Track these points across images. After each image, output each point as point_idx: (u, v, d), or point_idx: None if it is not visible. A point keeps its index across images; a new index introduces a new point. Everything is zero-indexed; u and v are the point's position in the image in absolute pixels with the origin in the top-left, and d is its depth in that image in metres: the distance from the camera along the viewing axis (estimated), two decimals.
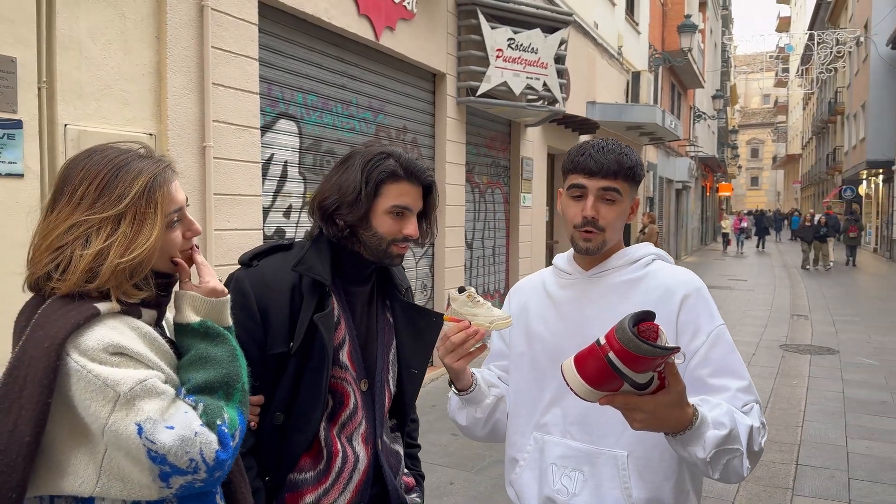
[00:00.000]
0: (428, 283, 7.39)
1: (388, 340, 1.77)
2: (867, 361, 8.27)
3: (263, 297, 1.57)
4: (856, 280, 18.15)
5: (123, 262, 1.22)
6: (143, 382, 1.17)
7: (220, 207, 4.33)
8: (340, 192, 1.62)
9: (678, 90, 23.01)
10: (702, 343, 1.58)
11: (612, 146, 1.65)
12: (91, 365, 1.15)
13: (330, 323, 1.60)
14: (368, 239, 1.65)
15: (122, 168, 1.28)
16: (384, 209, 1.64)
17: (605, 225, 1.63)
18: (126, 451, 1.16)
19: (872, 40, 25.62)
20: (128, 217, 1.25)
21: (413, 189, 1.67)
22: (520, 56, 7.66)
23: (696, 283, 1.66)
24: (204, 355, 1.29)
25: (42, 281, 1.24)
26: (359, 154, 1.67)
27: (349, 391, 1.66)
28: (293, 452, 1.60)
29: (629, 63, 14.99)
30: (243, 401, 1.30)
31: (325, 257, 1.65)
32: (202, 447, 1.18)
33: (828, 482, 4.63)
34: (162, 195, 1.29)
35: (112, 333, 1.19)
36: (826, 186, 41.27)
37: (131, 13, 3.76)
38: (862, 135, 27.86)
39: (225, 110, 4.35)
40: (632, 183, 1.65)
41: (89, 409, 1.15)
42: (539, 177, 10.03)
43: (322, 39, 5.53)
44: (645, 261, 1.69)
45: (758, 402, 1.58)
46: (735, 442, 1.43)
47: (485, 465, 4.80)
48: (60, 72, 3.40)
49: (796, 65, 48.43)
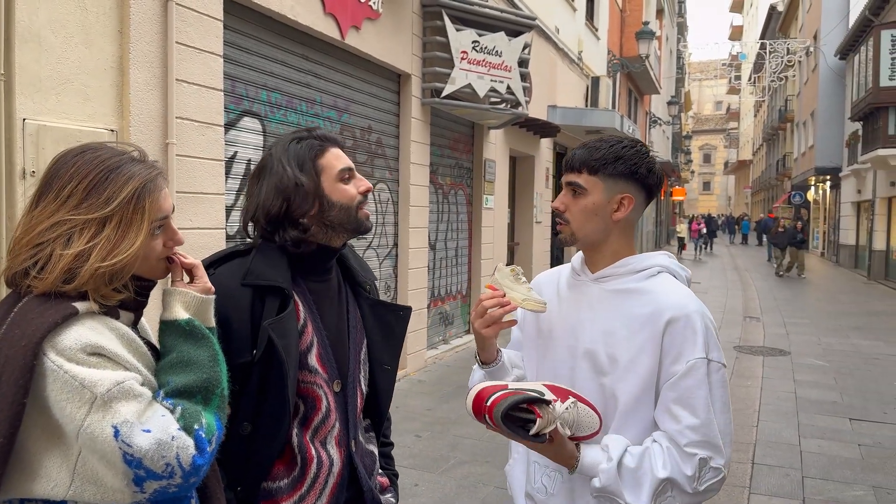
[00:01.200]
0: (392, 283, 7.36)
1: (358, 339, 1.75)
2: (817, 363, 8.53)
3: (222, 306, 1.50)
4: (805, 283, 18.70)
5: (104, 266, 1.20)
6: (120, 384, 1.14)
7: (183, 206, 4.24)
8: (283, 195, 1.58)
9: (635, 95, 23.38)
10: (679, 370, 1.55)
11: (601, 142, 1.66)
12: (68, 365, 1.12)
13: (286, 328, 1.54)
14: (336, 216, 1.62)
15: (113, 170, 1.25)
16: (333, 179, 1.63)
17: (570, 218, 1.66)
18: (101, 454, 1.13)
19: (822, 50, 26.44)
20: (113, 221, 1.23)
21: (339, 150, 1.68)
22: (484, 59, 7.69)
23: (690, 307, 1.58)
24: (185, 358, 1.27)
25: (19, 277, 1.21)
26: (270, 156, 1.64)
27: (320, 395, 1.63)
28: (264, 461, 1.57)
29: (589, 68, 15.18)
30: (222, 406, 1.29)
31: (277, 261, 1.59)
32: (179, 452, 1.16)
33: (783, 480, 4.76)
34: (151, 202, 1.27)
35: (90, 333, 1.16)
36: (776, 192, 42.44)
37: (93, 6, 3.66)
38: (811, 142, 28.73)
39: (188, 107, 4.27)
40: (604, 177, 1.62)
41: (65, 410, 1.12)
42: (501, 179, 10.09)
43: (287, 37, 5.47)
44: (649, 272, 1.66)
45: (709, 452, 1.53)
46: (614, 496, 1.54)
47: (449, 467, 4.80)
48: (19, 64, 3.28)
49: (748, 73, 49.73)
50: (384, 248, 7.18)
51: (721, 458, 1.54)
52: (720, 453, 1.54)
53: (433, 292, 8.34)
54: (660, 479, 1.51)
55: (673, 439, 1.54)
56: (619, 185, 1.64)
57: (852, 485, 4.67)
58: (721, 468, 1.54)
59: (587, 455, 1.55)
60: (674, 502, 1.53)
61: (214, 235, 4.51)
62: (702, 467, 1.52)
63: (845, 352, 9.21)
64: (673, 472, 1.51)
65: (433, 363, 7.93)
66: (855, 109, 19.97)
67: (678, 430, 1.54)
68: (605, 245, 1.69)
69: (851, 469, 4.96)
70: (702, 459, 1.52)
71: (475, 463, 4.86)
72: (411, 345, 7.49)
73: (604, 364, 1.62)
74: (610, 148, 1.64)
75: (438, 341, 8.54)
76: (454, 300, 9.02)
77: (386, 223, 7.19)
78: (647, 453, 1.54)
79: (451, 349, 8.55)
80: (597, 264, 1.71)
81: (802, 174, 30.71)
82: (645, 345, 1.58)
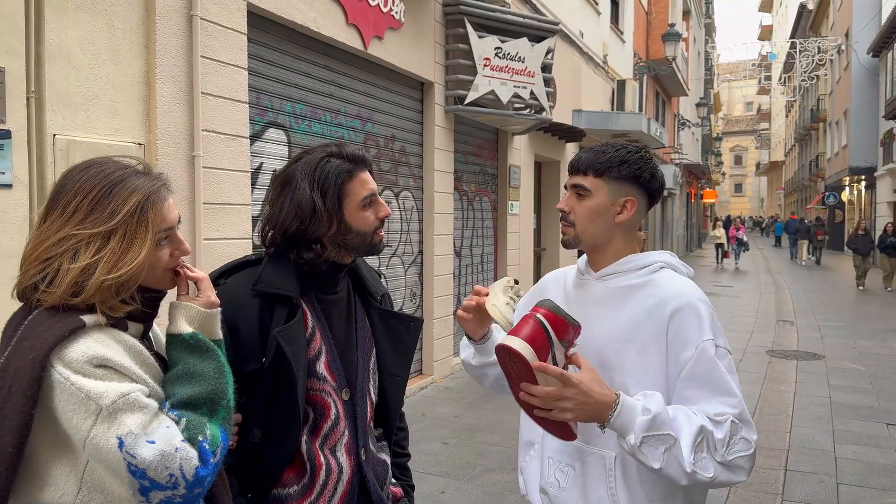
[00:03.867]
0: (417, 291, 7.38)
1: (367, 349, 1.76)
2: (853, 367, 8.35)
3: (231, 315, 1.53)
4: (839, 286, 18.33)
5: (110, 278, 1.22)
6: (125, 396, 1.16)
7: (210, 217, 4.31)
8: (300, 213, 1.58)
9: (662, 98, 23.20)
10: (689, 357, 1.56)
11: (607, 146, 1.69)
12: (75, 377, 1.15)
13: (294, 337, 1.57)
14: (352, 240, 1.64)
15: (117, 184, 1.27)
16: (356, 206, 1.63)
17: (574, 219, 1.69)
18: (107, 465, 1.16)
19: (854, 48, 25.98)
20: (118, 234, 1.25)
21: (366, 174, 1.67)
22: (507, 65, 7.70)
23: (692, 295, 1.62)
24: (191, 370, 1.29)
25: (29, 291, 1.24)
26: (296, 170, 1.62)
27: (329, 402, 1.64)
28: (274, 468, 1.59)
29: (614, 71, 15.10)
30: (227, 417, 1.30)
31: (287, 270, 1.61)
32: (182, 463, 1.18)
33: (816, 487, 4.66)
34: (154, 214, 1.29)
35: (97, 346, 1.19)
36: (809, 193, 41.70)
37: (120, 23, 3.75)
38: (844, 142, 28.21)
39: (214, 120, 4.34)
40: (608, 180, 1.65)
41: (71, 420, 1.15)
42: (526, 184, 10.07)
43: (311, 49, 5.54)
44: (652, 268, 1.69)
45: (738, 420, 1.53)
46: (664, 427, 1.46)
47: (476, 474, 4.79)
48: (49, 82, 3.38)
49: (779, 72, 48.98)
50: (409, 256, 7.21)
51: (753, 433, 1.53)
52: (751, 428, 1.53)
53: (459, 299, 8.35)
54: (699, 425, 1.48)
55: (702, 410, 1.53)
56: (623, 188, 1.67)
57: (889, 492, 4.56)
58: (751, 442, 1.52)
59: (627, 400, 1.49)
60: (706, 466, 1.47)
61: (241, 245, 4.58)
62: (733, 432, 1.50)
63: (881, 355, 9.00)
64: (707, 425, 1.49)
65: (460, 370, 7.92)
66: (889, 107, 19.59)
67: (705, 405, 1.53)
68: (608, 246, 1.71)
69: (889, 476, 4.84)
70: (733, 423, 1.51)
71: (502, 470, 4.85)
72: (438, 351, 7.50)
73: (611, 361, 1.63)
74: (615, 152, 1.67)
75: None
76: None
77: (411, 231, 7.22)
78: (680, 407, 1.53)
79: None
80: (599, 264, 1.74)
81: (836, 174, 30.16)
82: (652, 337, 1.60)
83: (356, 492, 1.68)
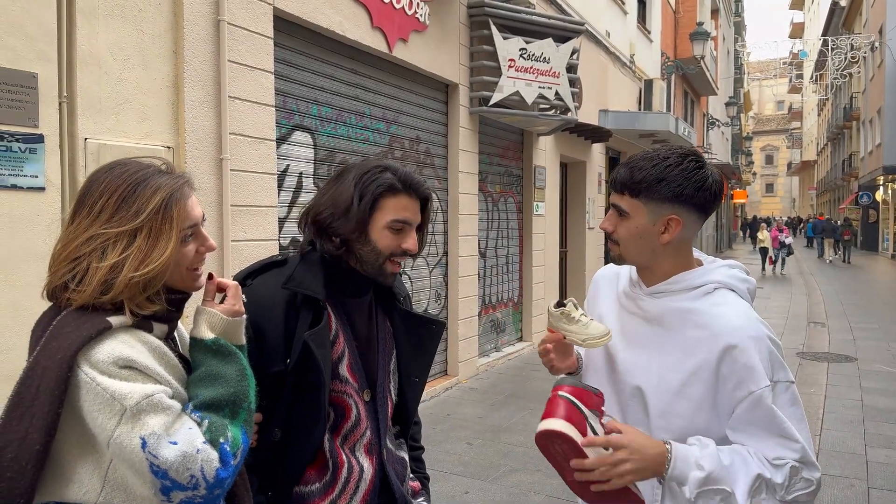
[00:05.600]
0: (442, 292, 7.40)
1: (388, 350, 1.76)
2: (886, 369, 8.19)
3: (257, 316, 1.54)
4: (873, 287, 17.97)
5: (137, 275, 1.25)
6: (149, 397, 1.19)
7: (237, 218, 4.38)
8: (334, 206, 1.60)
9: (691, 97, 22.94)
10: (743, 397, 1.49)
11: (645, 160, 1.55)
12: (100, 378, 1.18)
13: (323, 339, 1.58)
14: (366, 254, 1.62)
15: (140, 183, 1.30)
16: (384, 224, 1.61)
17: (618, 238, 1.61)
18: (129, 464, 1.19)
19: (887, 45, 25.45)
20: (143, 232, 1.27)
21: (412, 203, 1.65)
22: (532, 66, 7.68)
23: (747, 331, 1.50)
24: (213, 372, 1.32)
25: (59, 291, 1.27)
26: (354, 167, 1.65)
27: (350, 404, 1.65)
28: (296, 467, 1.60)
29: (641, 71, 14.98)
30: (248, 420, 1.33)
31: (317, 271, 1.62)
32: (203, 464, 1.20)
33: (847, 491, 4.58)
34: (178, 211, 1.31)
35: (122, 347, 1.21)
36: (842, 192, 40.94)
37: (149, 28, 3.83)
38: (878, 140, 27.64)
39: (241, 123, 4.41)
40: (646, 200, 1.53)
41: (97, 420, 1.18)
42: (552, 185, 10.04)
43: (336, 52, 5.59)
44: (705, 289, 1.59)
45: (800, 463, 1.48)
46: (720, 483, 1.44)
47: (500, 475, 4.79)
48: (80, 87, 3.46)
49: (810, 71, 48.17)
50: (434, 257, 7.23)
51: (815, 471, 1.49)
52: (814, 468, 1.48)
53: (484, 300, 8.35)
54: (756, 473, 1.46)
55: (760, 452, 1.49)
56: (664, 207, 1.54)
57: None
58: (813, 480, 1.48)
59: (678, 448, 1.47)
60: None
61: (268, 247, 4.64)
62: (792, 476, 1.47)
63: None
64: (765, 472, 1.46)
65: (485, 371, 7.93)
66: None
67: (763, 447, 1.49)
68: (656, 266, 1.63)
69: None
70: (793, 467, 1.47)
71: (526, 471, 4.84)
72: (463, 352, 7.51)
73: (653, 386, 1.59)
74: (653, 167, 1.53)
75: (490, 349, 8.53)
76: (506, 307, 9.00)
77: (436, 232, 7.24)
78: (737, 451, 1.49)
79: (503, 356, 8.54)
80: (649, 281, 1.66)
81: (870, 174, 29.54)
82: (698, 371, 1.53)
83: (378, 490, 1.69)
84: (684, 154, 1.56)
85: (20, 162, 3.19)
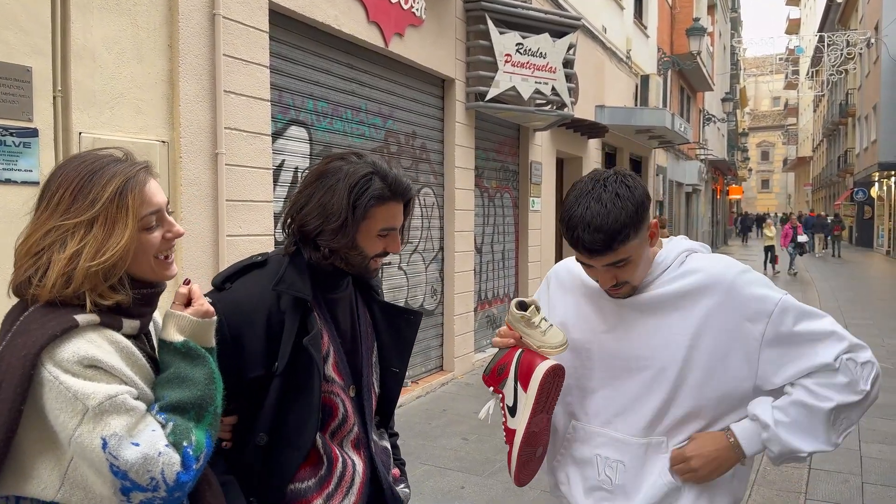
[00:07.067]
0: (438, 287, 7.40)
1: (370, 343, 1.76)
2: (881, 364, 8.21)
3: (236, 322, 1.52)
4: (868, 283, 18.03)
5: (94, 264, 1.23)
6: (112, 398, 1.18)
7: (233, 213, 4.37)
8: (325, 218, 1.55)
9: (687, 93, 22.96)
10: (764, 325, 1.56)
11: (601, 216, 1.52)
12: (64, 376, 1.17)
13: (318, 343, 1.57)
14: (353, 257, 1.61)
15: (95, 173, 1.29)
16: (374, 232, 1.60)
17: (628, 279, 1.61)
18: (90, 463, 1.18)
19: (883, 41, 25.49)
20: (100, 220, 1.26)
21: (398, 207, 1.64)
22: (528, 61, 7.67)
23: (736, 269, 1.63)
24: (181, 375, 1.31)
25: (24, 286, 1.26)
26: (342, 174, 1.57)
27: (337, 402, 1.64)
28: (289, 468, 1.59)
29: (638, 67, 14.98)
30: (213, 423, 1.32)
31: (304, 272, 1.60)
32: (164, 467, 1.20)
33: (841, 486, 4.60)
34: (134, 197, 1.29)
35: (88, 346, 1.20)
36: (837, 189, 41.04)
37: (144, 22, 3.81)
38: (874, 136, 27.71)
39: (236, 117, 4.39)
40: (635, 231, 1.55)
41: (58, 418, 1.17)
42: (548, 181, 10.04)
43: (332, 46, 5.57)
44: (679, 260, 1.67)
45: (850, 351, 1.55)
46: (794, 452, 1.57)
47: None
48: (75, 80, 3.44)
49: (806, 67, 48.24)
50: (430, 252, 7.23)
51: (865, 350, 1.56)
52: (861, 346, 1.56)
53: (480, 295, 8.36)
54: (826, 409, 1.52)
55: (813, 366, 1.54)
56: (642, 228, 1.57)
57: None
58: (871, 359, 1.55)
59: (740, 432, 1.59)
60: (851, 420, 1.55)
61: (263, 242, 4.63)
62: (853, 367, 1.52)
63: None
64: (836, 398, 1.52)
65: (481, 366, 7.94)
66: None
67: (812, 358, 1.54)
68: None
69: None
70: (848, 359, 1.53)
71: None
72: (458, 348, 7.51)
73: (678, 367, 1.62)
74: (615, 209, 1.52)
75: (486, 344, 8.54)
76: (502, 303, 9.01)
77: (431, 227, 7.24)
78: (794, 401, 1.55)
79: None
80: None
81: (865, 170, 29.61)
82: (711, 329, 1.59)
83: (369, 483, 1.70)
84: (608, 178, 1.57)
85: (14, 156, 3.17)
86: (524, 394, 1.66)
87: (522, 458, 1.69)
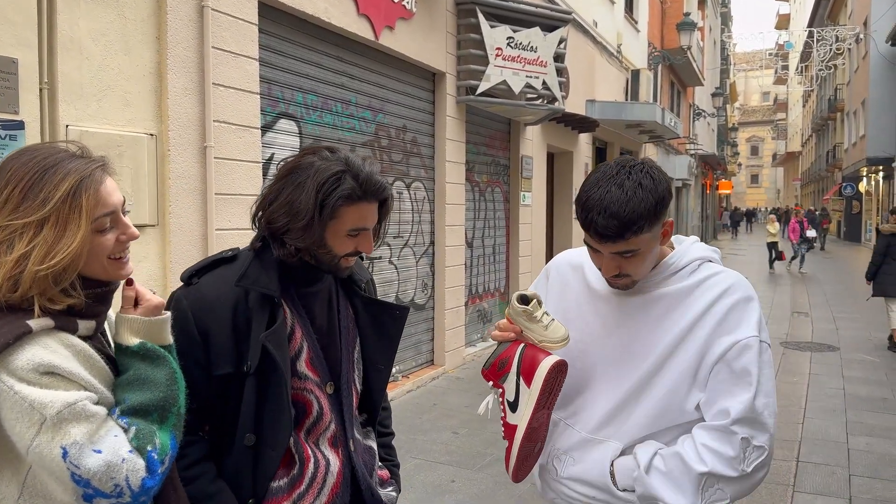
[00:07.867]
0: (429, 281, 7.39)
1: (351, 339, 1.71)
2: (867, 358, 8.29)
3: (203, 317, 1.49)
4: (856, 277, 18.15)
5: (43, 268, 1.16)
6: (71, 406, 1.14)
7: (221, 207, 4.34)
8: (291, 216, 1.50)
9: (678, 88, 23.01)
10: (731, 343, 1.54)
11: (619, 203, 1.48)
12: (18, 386, 1.12)
13: (280, 339, 1.52)
14: (321, 255, 1.57)
15: (49, 169, 1.21)
16: (342, 232, 1.55)
17: (630, 272, 1.58)
18: (50, 472, 1.14)
19: (872, 37, 25.63)
20: (51, 221, 1.18)
21: (370, 207, 1.58)
22: (519, 55, 7.66)
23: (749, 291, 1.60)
24: (141, 376, 1.26)
25: None
26: (312, 170, 1.51)
27: (311, 399, 1.61)
28: (269, 468, 1.56)
29: (628, 61, 14.99)
30: (177, 424, 1.28)
31: (271, 267, 1.56)
32: (128, 474, 1.16)
33: (828, 479, 4.64)
34: (88, 198, 1.21)
35: (44, 352, 1.14)
36: (826, 184, 41.28)
37: (132, 14, 3.77)
38: (862, 132, 27.88)
39: (225, 110, 4.36)
40: (650, 225, 1.50)
41: (14, 429, 1.12)
42: (539, 175, 10.04)
43: (322, 39, 5.54)
44: (691, 267, 1.64)
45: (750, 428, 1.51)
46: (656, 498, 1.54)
47: (486, 463, 4.81)
48: (62, 73, 3.41)
49: (796, 62, 48.46)
50: (420, 247, 7.22)
51: (764, 433, 1.52)
52: (764, 430, 1.52)
53: (471, 290, 8.36)
54: (699, 473, 1.50)
55: (715, 420, 1.52)
56: (657, 224, 1.53)
57: None
58: (764, 446, 1.52)
59: (618, 464, 1.60)
60: (724, 494, 1.51)
61: (252, 236, 4.59)
62: (745, 447, 1.50)
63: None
64: (712, 464, 1.49)
65: (471, 360, 7.95)
66: None
67: (725, 409, 1.51)
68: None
69: None
70: (744, 439, 1.50)
71: None
72: (449, 342, 7.52)
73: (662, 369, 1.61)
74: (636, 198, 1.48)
75: (477, 339, 8.55)
76: (492, 297, 9.02)
77: (422, 221, 7.23)
78: (678, 453, 1.54)
79: (490, 346, 8.54)
80: None
81: (854, 165, 29.80)
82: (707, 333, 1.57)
83: (347, 483, 1.66)
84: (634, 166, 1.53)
85: (0, 149, 3.14)
86: (527, 389, 1.64)
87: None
